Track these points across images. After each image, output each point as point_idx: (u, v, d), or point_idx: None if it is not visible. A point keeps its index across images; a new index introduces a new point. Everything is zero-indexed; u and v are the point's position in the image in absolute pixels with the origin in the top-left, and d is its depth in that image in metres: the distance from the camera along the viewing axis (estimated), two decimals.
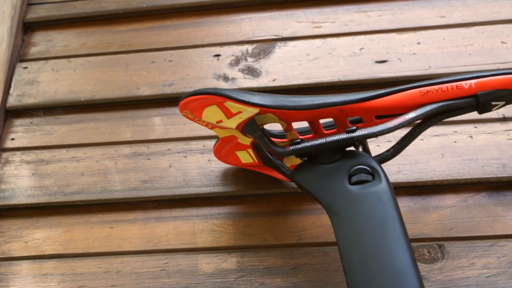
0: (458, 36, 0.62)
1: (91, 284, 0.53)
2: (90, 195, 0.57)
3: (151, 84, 0.63)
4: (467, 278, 0.49)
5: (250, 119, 0.46)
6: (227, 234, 0.54)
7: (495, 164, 0.54)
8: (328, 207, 0.43)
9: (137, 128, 0.61)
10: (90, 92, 0.63)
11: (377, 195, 0.42)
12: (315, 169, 0.45)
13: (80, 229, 0.56)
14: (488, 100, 0.44)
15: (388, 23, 0.64)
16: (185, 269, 0.52)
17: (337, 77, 0.60)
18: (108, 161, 0.59)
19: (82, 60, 0.66)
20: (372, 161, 0.44)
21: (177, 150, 0.59)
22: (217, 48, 0.65)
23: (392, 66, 0.61)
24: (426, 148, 0.56)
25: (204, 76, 0.63)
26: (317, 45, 0.63)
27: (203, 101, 0.47)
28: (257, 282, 0.51)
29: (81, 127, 0.62)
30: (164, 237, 0.54)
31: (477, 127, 0.56)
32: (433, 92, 0.44)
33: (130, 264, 0.53)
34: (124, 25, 0.68)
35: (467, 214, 0.53)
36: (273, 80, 0.61)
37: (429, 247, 0.51)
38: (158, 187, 0.57)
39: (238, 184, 0.56)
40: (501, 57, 0.60)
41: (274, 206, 0.55)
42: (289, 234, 0.53)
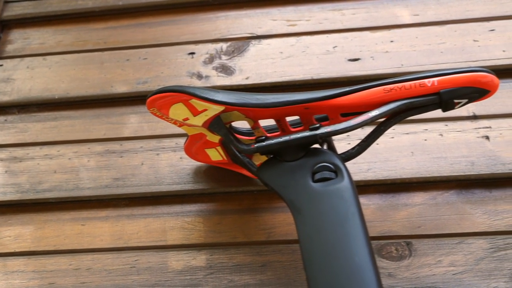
0: (431, 34, 0.62)
1: (61, 281, 0.53)
2: (62, 192, 0.57)
3: (125, 82, 0.63)
4: (433, 276, 0.49)
5: (215, 116, 0.47)
6: (198, 231, 0.54)
7: (464, 162, 0.54)
8: (291, 204, 0.44)
9: (110, 126, 0.61)
10: (64, 90, 0.63)
11: (339, 192, 0.42)
12: (279, 167, 0.45)
13: (52, 226, 0.56)
14: (450, 98, 0.44)
15: (362, 21, 0.64)
16: (155, 266, 0.53)
17: (310, 75, 0.61)
18: (81, 158, 0.59)
19: (58, 58, 0.66)
20: (335, 158, 0.44)
21: (150, 148, 0.59)
22: (192, 46, 0.65)
23: (365, 64, 0.61)
24: (396, 146, 0.56)
25: (178, 74, 0.63)
26: (291, 43, 0.63)
27: (169, 99, 0.47)
28: (226, 279, 0.51)
29: (55, 124, 0.62)
30: (135, 234, 0.55)
31: (448, 125, 0.57)
32: (396, 90, 0.44)
33: (100, 261, 0.54)
34: (100, 23, 0.68)
35: (435, 212, 0.53)
36: (246, 78, 0.61)
37: (397, 244, 0.51)
38: (130, 184, 0.57)
39: (210, 181, 0.56)
40: (473, 55, 0.60)
41: (244, 204, 0.55)
42: (259, 231, 0.54)
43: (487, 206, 0.52)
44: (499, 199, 0.53)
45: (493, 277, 0.49)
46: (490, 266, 0.49)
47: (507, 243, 0.50)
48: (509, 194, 0.53)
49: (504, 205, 0.52)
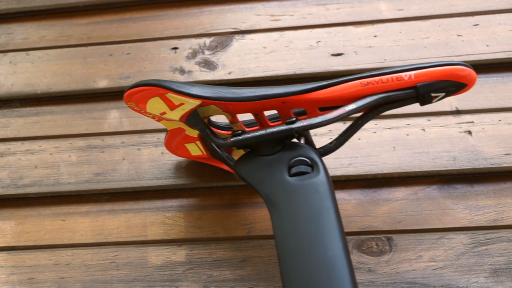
0: (414, 29, 0.62)
1: (40, 276, 0.53)
2: (43, 187, 0.57)
3: (107, 77, 0.63)
4: (413, 271, 0.49)
5: (192, 111, 0.46)
6: (178, 226, 0.54)
7: (446, 157, 0.54)
8: (267, 198, 0.43)
9: (92, 121, 0.61)
10: (46, 85, 0.63)
11: (315, 186, 0.42)
12: (256, 161, 0.45)
13: (32, 221, 0.56)
14: (427, 92, 0.44)
15: (346, 16, 0.63)
16: (135, 261, 0.52)
17: (292, 70, 0.60)
18: (62, 154, 0.59)
19: (41, 53, 0.66)
20: (312, 152, 0.44)
21: (131, 143, 0.59)
22: (175, 41, 0.64)
23: (348, 59, 0.60)
24: (378, 141, 0.56)
25: (160, 69, 0.62)
26: (275, 38, 0.63)
27: (145, 93, 0.47)
28: (205, 275, 0.51)
29: (37, 120, 0.62)
30: (115, 229, 0.54)
31: (430, 120, 0.56)
32: (373, 84, 0.44)
33: (80, 256, 0.53)
34: (84, 18, 0.68)
35: (416, 207, 0.52)
36: (229, 73, 0.61)
37: (377, 240, 0.51)
38: (111, 180, 0.57)
39: (191, 176, 0.56)
40: (456, 50, 0.60)
41: (225, 199, 0.55)
42: (240, 227, 0.53)
43: (468, 201, 0.52)
44: (480, 194, 0.52)
45: (473, 272, 0.48)
46: (471, 261, 0.49)
47: (488, 238, 0.50)
48: (490, 189, 0.53)
49: (486, 200, 0.52)
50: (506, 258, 0.49)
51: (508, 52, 0.59)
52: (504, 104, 0.56)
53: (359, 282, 0.49)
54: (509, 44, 0.59)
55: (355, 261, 0.50)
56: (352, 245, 0.51)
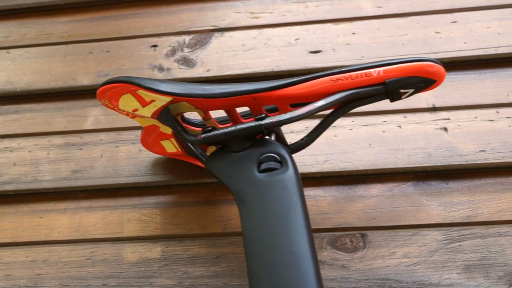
0: (393, 26, 0.62)
1: (17, 272, 0.53)
2: (21, 185, 0.57)
3: (87, 75, 0.63)
4: (386, 267, 0.49)
5: (164, 107, 0.46)
6: (154, 223, 0.54)
7: (421, 154, 0.54)
8: (237, 195, 0.43)
9: (72, 119, 0.61)
10: (26, 82, 0.63)
11: (283, 182, 0.42)
12: (226, 157, 0.45)
13: (10, 218, 0.56)
14: (396, 88, 0.44)
15: (325, 13, 0.64)
16: (110, 258, 0.53)
17: (270, 68, 0.60)
18: (41, 151, 0.59)
19: (21, 51, 0.66)
20: (281, 149, 0.44)
21: (109, 140, 0.59)
22: (155, 38, 0.65)
23: (326, 56, 0.60)
24: (354, 138, 0.56)
25: (140, 67, 0.63)
26: (254, 35, 0.63)
27: (117, 90, 0.47)
28: (180, 271, 0.51)
29: (17, 117, 0.62)
30: (92, 226, 0.55)
31: (407, 117, 0.56)
32: (343, 80, 0.44)
33: (57, 253, 0.53)
34: (66, 16, 0.68)
35: (391, 204, 0.53)
36: (207, 71, 0.61)
37: (351, 236, 0.51)
38: (88, 177, 0.57)
39: (167, 174, 0.56)
40: (434, 47, 0.60)
41: (202, 196, 0.55)
42: (215, 223, 0.53)
43: (443, 198, 0.52)
44: (455, 191, 0.52)
45: (446, 269, 0.48)
46: (444, 257, 0.49)
47: (462, 235, 0.50)
48: (465, 185, 0.53)
49: (460, 196, 0.52)
50: (479, 255, 0.49)
51: (485, 49, 0.59)
52: (480, 101, 0.56)
53: (332, 279, 0.49)
54: (487, 41, 0.59)
55: (329, 257, 0.50)
56: (327, 242, 0.51)
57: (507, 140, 0.54)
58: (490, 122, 0.55)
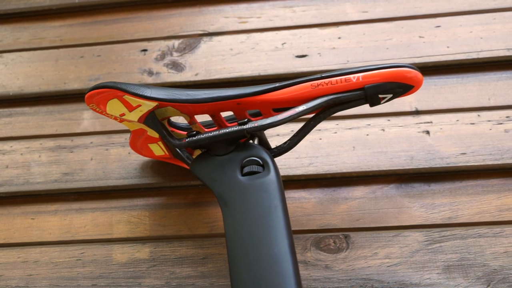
0: (378, 30, 0.63)
1: (8, 273, 0.54)
2: (13, 187, 0.58)
3: (78, 79, 0.64)
4: (368, 267, 0.50)
5: (149, 112, 0.48)
6: (143, 225, 0.55)
7: (403, 156, 0.55)
8: (220, 197, 0.45)
9: (63, 122, 0.62)
10: (19, 86, 0.64)
11: (264, 185, 0.43)
12: (210, 161, 0.46)
13: (2, 220, 0.57)
14: (375, 93, 0.45)
15: (311, 18, 0.65)
16: (100, 259, 0.54)
17: (257, 72, 0.62)
18: (32, 154, 0.60)
19: (14, 55, 0.67)
20: (263, 152, 0.45)
21: (100, 143, 0.60)
22: (145, 43, 0.66)
23: (312, 60, 0.62)
24: (338, 141, 0.57)
25: (130, 71, 0.64)
26: (241, 40, 0.64)
27: (104, 95, 0.48)
28: (168, 271, 0.52)
29: (9, 121, 0.63)
30: (82, 228, 0.56)
31: (390, 120, 0.58)
32: (323, 86, 0.45)
33: (48, 254, 0.55)
34: (57, 21, 0.69)
35: (374, 206, 0.54)
36: (195, 75, 0.62)
37: (335, 237, 0.52)
38: (79, 179, 0.58)
39: (156, 176, 0.57)
40: (417, 51, 0.61)
41: (189, 198, 0.56)
42: (203, 225, 0.55)
43: (425, 200, 0.53)
44: (437, 193, 0.54)
45: (426, 269, 0.50)
46: (425, 258, 0.50)
47: (442, 236, 0.51)
48: (446, 187, 0.54)
49: (442, 198, 0.53)
50: (459, 255, 0.50)
51: (468, 53, 0.60)
52: (462, 104, 0.58)
53: (316, 279, 0.50)
54: (469, 45, 0.61)
55: (313, 258, 0.51)
56: (311, 243, 0.52)
57: (488, 143, 0.55)
58: (472, 125, 0.56)
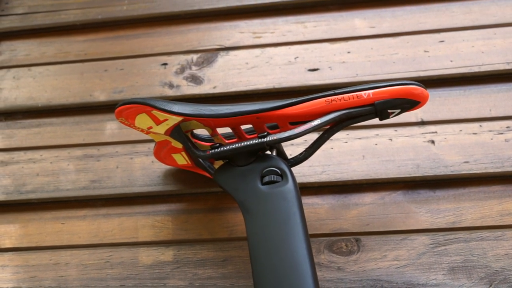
0: (385, 45, 0.66)
1: (42, 274, 0.58)
2: (44, 193, 0.62)
3: (103, 91, 0.68)
4: (378, 269, 0.54)
5: (175, 125, 0.52)
6: (166, 229, 0.59)
7: (410, 165, 0.59)
8: (242, 205, 0.49)
9: (89, 132, 0.66)
10: (47, 98, 0.68)
11: (283, 194, 0.47)
12: (232, 171, 0.50)
13: (35, 224, 0.61)
14: (385, 108, 0.48)
15: (322, 33, 0.68)
16: (127, 261, 0.58)
17: (272, 85, 0.65)
18: (61, 162, 0.64)
19: (42, 69, 0.71)
20: (282, 163, 0.49)
21: (124, 152, 0.64)
22: (165, 57, 0.70)
23: (323, 74, 0.66)
24: (349, 150, 0.61)
25: (151, 84, 0.68)
26: (256, 54, 0.68)
27: (133, 110, 0.52)
28: (191, 273, 0.56)
29: (39, 131, 0.67)
30: (109, 232, 0.60)
31: (397, 131, 0.61)
32: (336, 101, 0.49)
33: (78, 256, 0.59)
34: (81, 36, 0.73)
35: (383, 211, 0.57)
36: (213, 88, 0.66)
37: (347, 241, 0.56)
38: (106, 186, 0.62)
39: (178, 183, 0.61)
40: (423, 65, 0.65)
41: (209, 204, 0.60)
42: (222, 229, 0.59)
43: (430, 205, 0.57)
44: (441, 199, 0.57)
45: (432, 270, 0.53)
46: (431, 260, 0.54)
47: (447, 239, 0.55)
48: (451, 194, 0.58)
49: (446, 204, 0.57)
50: (463, 257, 0.54)
51: (470, 67, 0.64)
52: (465, 115, 0.61)
53: (329, 280, 0.54)
54: (471, 59, 0.64)
55: (326, 260, 0.55)
56: (324, 246, 0.56)
57: (489, 152, 0.59)
58: (474, 135, 0.60)
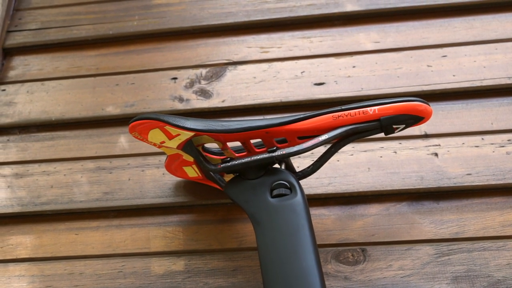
0: (389, 60, 0.68)
1: (57, 284, 0.60)
2: (58, 205, 0.64)
3: (114, 105, 0.70)
4: (384, 278, 0.56)
5: (187, 140, 0.53)
6: (177, 239, 0.61)
7: (414, 177, 0.61)
8: (252, 217, 0.50)
9: (101, 145, 0.68)
10: (60, 112, 0.70)
11: (292, 206, 0.49)
12: (242, 184, 0.52)
13: (49, 235, 0.63)
14: (390, 124, 0.50)
15: (328, 48, 0.70)
16: (139, 271, 0.59)
17: (279, 98, 0.67)
18: (75, 174, 0.66)
19: (55, 83, 0.73)
20: (291, 177, 0.51)
21: (136, 164, 0.66)
22: (175, 71, 0.72)
23: (329, 88, 0.67)
24: (354, 162, 0.62)
25: (161, 98, 0.70)
26: (264, 68, 0.70)
27: (147, 125, 0.54)
28: (202, 282, 0.58)
29: (52, 144, 0.69)
30: (122, 242, 0.61)
31: (401, 143, 0.63)
32: (343, 117, 0.51)
33: (91, 266, 0.60)
34: (93, 50, 0.75)
35: (388, 222, 0.59)
36: (222, 101, 0.68)
37: (353, 251, 0.58)
38: (118, 198, 0.64)
39: (189, 195, 0.63)
40: (426, 80, 0.66)
41: (219, 215, 0.62)
42: (232, 239, 0.60)
43: (434, 216, 0.59)
44: (445, 210, 0.59)
45: (436, 280, 0.55)
46: (435, 269, 0.56)
47: (450, 249, 0.56)
48: (454, 205, 0.59)
49: (450, 215, 0.59)
50: (466, 267, 0.55)
51: (472, 81, 0.66)
52: (467, 129, 0.63)
53: None
54: (473, 74, 0.66)
55: (333, 269, 0.57)
56: (331, 256, 0.58)
57: (491, 165, 0.60)
58: (476, 148, 0.62)
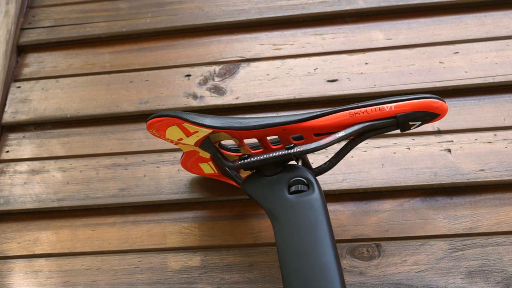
0: (401, 56, 0.69)
1: (74, 279, 0.60)
2: (75, 201, 0.65)
3: (129, 102, 0.70)
4: (399, 273, 0.56)
5: (205, 137, 0.54)
6: (193, 235, 0.61)
7: (428, 173, 0.61)
8: (270, 213, 0.51)
9: (116, 142, 0.68)
10: (75, 109, 0.71)
11: (310, 203, 0.50)
12: (260, 180, 0.53)
13: (66, 231, 0.64)
14: (406, 121, 0.51)
15: (340, 45, 0.71)
16: (156, 266, 0.60)
17: (292, 95, 0.68)
18: (91, 171, 0.67)
19: (69, 80, 0.74)
20: (308, 173, 0.51)
21: (151, 161, 0.66)
22: (188, 68, 0.72)
23: (342, 84, 0.68)
24: (368, 158, 0.63)
25: (176, 95, 0.70)
26: (277, 65, 0.71)
27: (165, 122, 0.54)
28: (218, 278, 0.58)
29: (67, 140, 0.70)
30: (138, 238, 0.62)
31: (414, 140, 0.64)
32: (359, 114, 0.51)
33: (108, 262, 0.61)
34: (107, 48, 0.76)
35: (402, 217, 0.60)
36: (236, 98, 0.69)
37: (367, 246, 0.58)
38: (134, 194, 0.64)
39: (204, 191, 0.63)
40: (438, 76, 0.67)
41: (235, 211, 0.62)
42: (247, 235, 0.61)
43: (448, 212, 0.59)
44: (458, 205, 0.60)
45: (451, 275, 0.56)
46: (449, 264, 0.56)
47: (464, 244, 0.57)
48: (467, 200, 0.60)
49: (463, 210, 0.59)
50: (480, 262, 0.56)
51: (484, 77, 0.66)
52: (479, 125, 0.64)
53: (351, 284, 0.56)
54: (485, 70, 0.67)
55: (348, 265, 0.57)
56: (346, 251, 0.58)
57: (504, 160, 0.61)
58: (489, 144, 0.62)
